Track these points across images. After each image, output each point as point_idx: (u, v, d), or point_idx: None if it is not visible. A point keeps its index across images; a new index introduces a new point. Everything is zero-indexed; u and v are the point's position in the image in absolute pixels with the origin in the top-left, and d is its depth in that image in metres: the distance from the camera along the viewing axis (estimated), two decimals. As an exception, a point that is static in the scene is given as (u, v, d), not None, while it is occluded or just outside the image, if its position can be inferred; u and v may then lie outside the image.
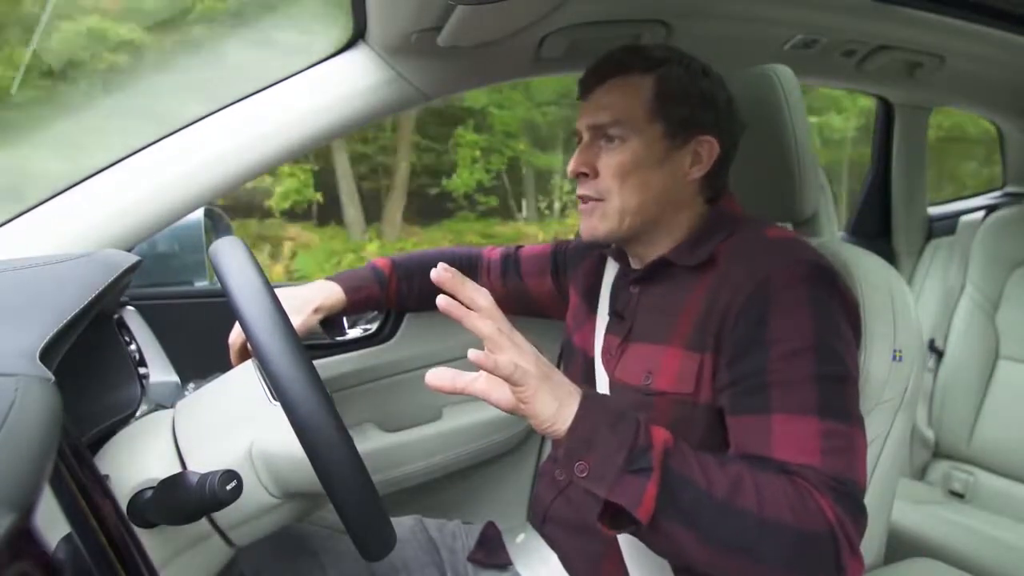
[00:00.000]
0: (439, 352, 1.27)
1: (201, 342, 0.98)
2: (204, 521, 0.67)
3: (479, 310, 0.63)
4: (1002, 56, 1.39)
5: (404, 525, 1.00)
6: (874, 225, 1.99)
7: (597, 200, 0.87)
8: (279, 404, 0.62)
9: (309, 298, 1.05)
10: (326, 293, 1.07)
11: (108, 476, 0.64)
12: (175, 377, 0.89)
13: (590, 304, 1.00)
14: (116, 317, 0.91)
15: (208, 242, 1.32)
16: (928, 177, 1.98)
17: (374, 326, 1.28)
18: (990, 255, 1.73)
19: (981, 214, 1.84)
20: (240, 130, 0.99)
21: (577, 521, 0.89)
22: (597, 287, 1.00)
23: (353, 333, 1.28)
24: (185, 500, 0.63)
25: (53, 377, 0.47)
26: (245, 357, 0.95)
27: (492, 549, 0.98)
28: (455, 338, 1.26)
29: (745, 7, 1.13)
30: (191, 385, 0.95)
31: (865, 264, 0.94)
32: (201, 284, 1.34)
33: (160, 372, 0.88)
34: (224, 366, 0.89)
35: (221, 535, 0.69)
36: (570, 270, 1.09)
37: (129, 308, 1.00)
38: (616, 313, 0.94)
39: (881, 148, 1.94)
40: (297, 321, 1.01)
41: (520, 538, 0.97)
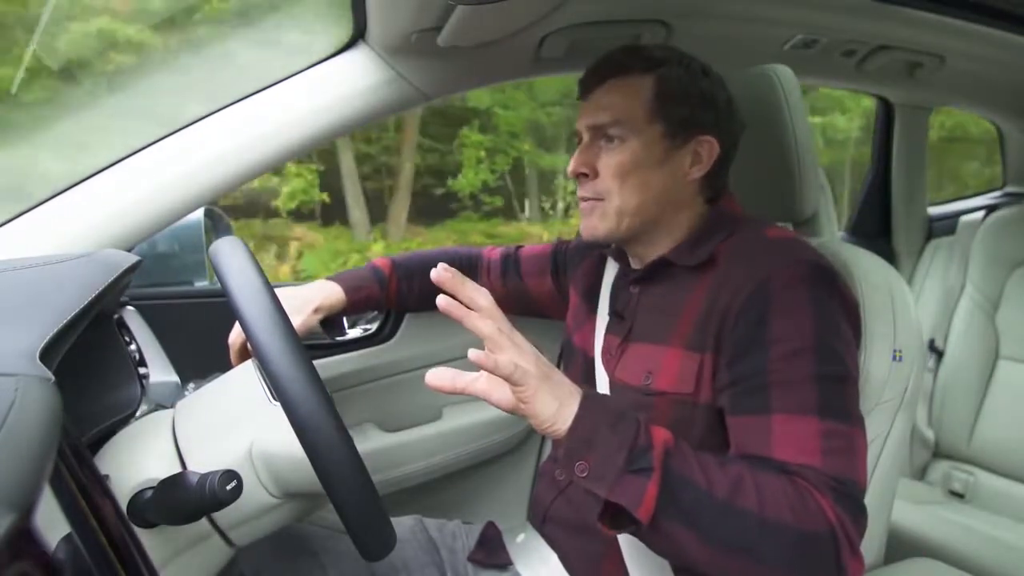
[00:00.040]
0: (439, 352, 1.27)
1: (201, 342, 0.98)
2: (204, 521, 0.67)
3: (479, 310, 0.63)
4: (1002, 56, 1.39)
5: (404, 525, 1.00)
6: (874, 225, 1.99)
7: (597, 200, 0.87)
8: (279, 404, 0.62)
9: (309, 298, 1.05)
10: (326, 293, 1.07)
11: (108, 476, 0.64)
12: (175, 377, 0.89)
13: (590, 304, 1.00)
14: (116, 317, 0.92)
15: (208, 242, 1.32)
16: (929, 177, 1.98)
17: (374, 326, 1.28)
18: (990, 255, 1.73)
19: (981, 214, 1.84)
20: (240, 130, 0.99)
21: (577, 521, 0.89)
22: (597, 287, 1.00)
23: (353, 333, 1.28)
24: (185, 500, 0.63)
25: (53, 377, 0.47)
26: (245, 357, 0.95)
27: (492, 549, 0.97)
28: (455, 338, 1.26)
29: (745, 7, 1.13)
30: (191, 385, 0.95)
31: (865, 264, 0.94)
32: (201, 284, 1.34)
33: (160, 372, 0.88)
34: (224, 366, 0.89)
35: (221, 535, 0.69)
36: (570, 270, 1.09)
37: (129, 308, 1.00)
38: (616, 313, 0.94)
39: (881, 148, 1.94)
40: (297, 321, 1.01)
41: (520, 538, 0.97)
